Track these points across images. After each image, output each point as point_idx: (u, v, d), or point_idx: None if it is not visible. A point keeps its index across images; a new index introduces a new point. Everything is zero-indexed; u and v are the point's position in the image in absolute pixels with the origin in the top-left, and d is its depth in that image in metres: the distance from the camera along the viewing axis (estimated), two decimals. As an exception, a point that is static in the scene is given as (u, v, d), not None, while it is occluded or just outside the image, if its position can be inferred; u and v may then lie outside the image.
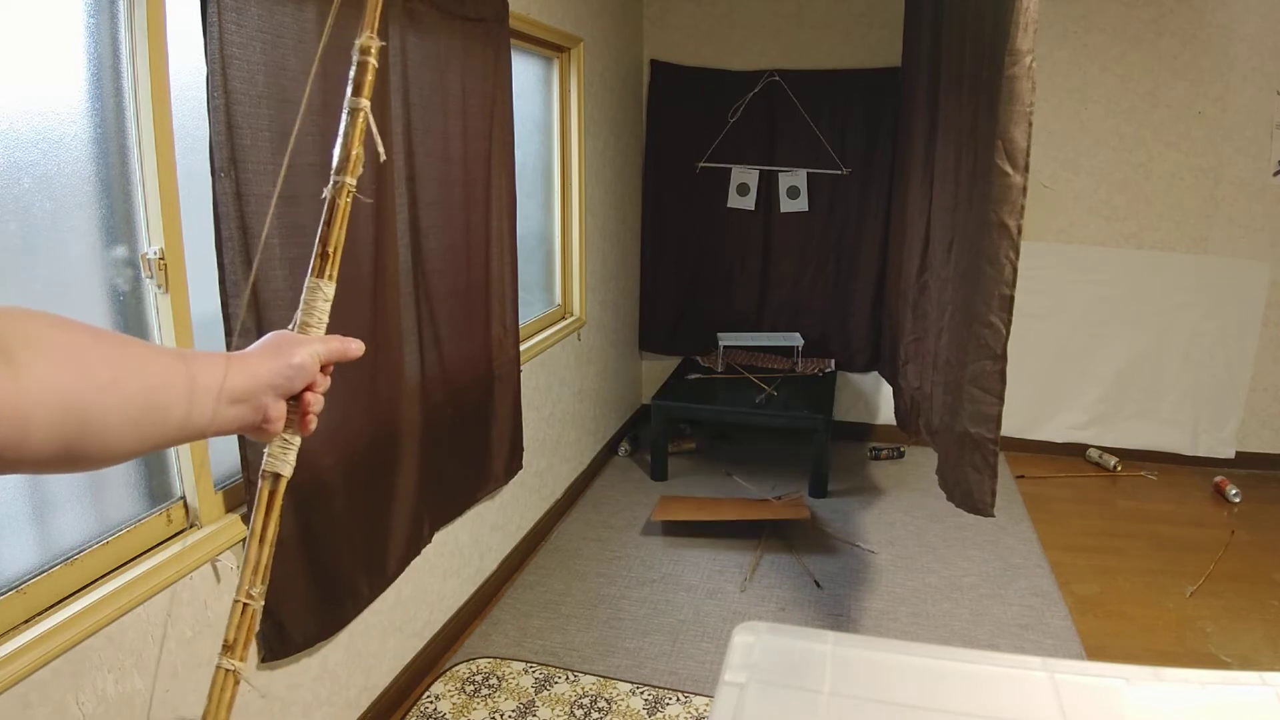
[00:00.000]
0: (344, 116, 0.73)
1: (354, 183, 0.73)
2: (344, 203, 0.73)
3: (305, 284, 0.74)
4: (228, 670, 0.65)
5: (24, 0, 1.34)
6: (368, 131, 0.73)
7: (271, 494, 0.70)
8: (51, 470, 0.54)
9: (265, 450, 0.71)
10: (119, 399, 0.54)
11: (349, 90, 0.74)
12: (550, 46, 3.33)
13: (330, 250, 0.74)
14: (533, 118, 3.36)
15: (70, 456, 0.53)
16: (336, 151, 0.72)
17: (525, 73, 3.22)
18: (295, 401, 0.70)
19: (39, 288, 1.41)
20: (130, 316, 1.60)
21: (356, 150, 0.73)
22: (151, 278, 1.58)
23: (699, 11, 4.31)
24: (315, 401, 0.72)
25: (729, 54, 4.30)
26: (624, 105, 4.16)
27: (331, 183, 0.72)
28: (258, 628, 0.66)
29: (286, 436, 0.70)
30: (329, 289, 0.74)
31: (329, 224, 0.74)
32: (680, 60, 4.36)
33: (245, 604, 0.67)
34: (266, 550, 0.68)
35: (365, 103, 0.73)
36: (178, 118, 1.57)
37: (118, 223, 1.54)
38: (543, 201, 3.56)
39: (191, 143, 1.63)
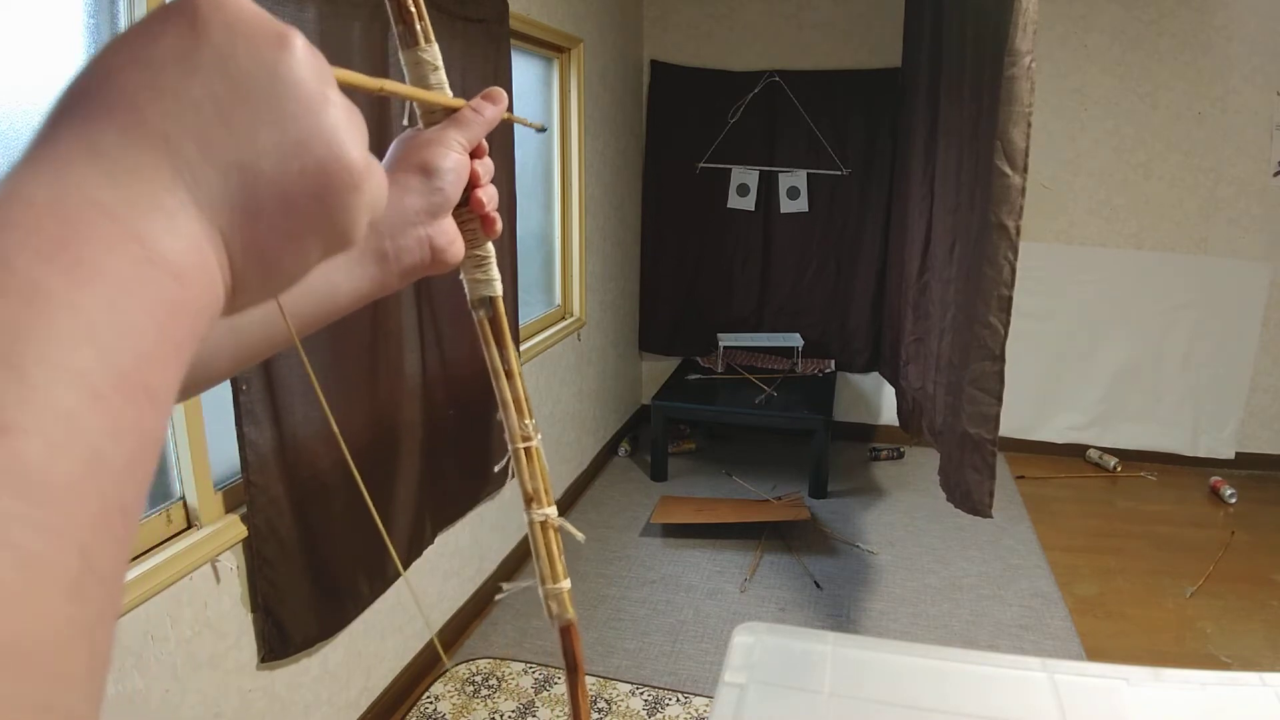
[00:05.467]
0: None
1: None
2: None
3: (403, 62, 0.53)
4: (540, 522, 0.58)
5: (25, 0, 1.34)
6: None
7: (492, 322, 0.58)
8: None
9: (461, 277, 0.57)
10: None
11: None
12: (550, 47, 3.33)
13: (410, 4, 0.51)
14: (533, 118, 3.35)
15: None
16: None
17: (525, 73, 3.22)
18: (465, 208, 0.55)
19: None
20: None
21: None
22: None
23: (699, 12, 4.31)
24: (490, 197, 0.55)
25: (729, 54, 4.30)
26: (624, 105, 4.16)
27: None
28: (545, 464, 0.56)
29: (476, 252, 0.56)
30: (433, 53, 0.52)
31: None
32: (680, 60, 4.36)
33: (524, 448, 0.57)
34: (518, 383, 0.58)
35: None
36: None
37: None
38: (543, 201, 3.56)
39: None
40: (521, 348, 2.99)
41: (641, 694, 2.47)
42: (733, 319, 4.56)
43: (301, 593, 1.90)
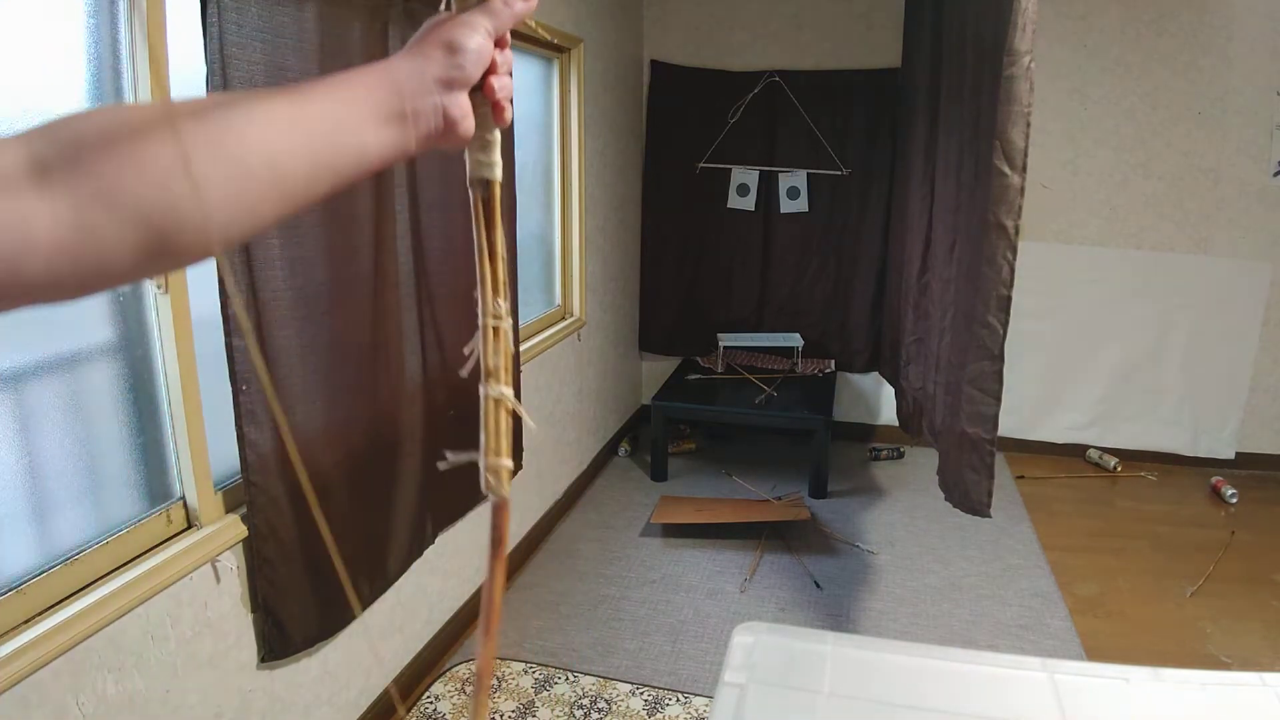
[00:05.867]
0: None
1: None
2: None
3: None
4: (495, 398, 0.61)
5: (25, 1, 1.34)
6: None
7: (486, 203, 0.61)
8: (154, 275, 0.49)
9: (464, 157, 0.62)
10: (190, 186, 0.46)
11: None
12: (550, 47, 3.33)
13: None
14: (533, 118, 3.36)
15: (163, 258, 0.47)
16: None
17: (525, 73, 3.22)
18: (479, 93, 0.59)
19: (39, 288, 1.41)
20: (130, 316, 1.60)
21: None
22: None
23: (699, 11, 4.31)
24: (503, 86, 0.60)
25: (729, 54, 4.30)
26: (624, 105, 4.16)
27: None
28: (510, 347, 0.61)
29: (483, 136, 0.61)
30: None
31: None
32: (680, 60, 4.36)
33: (495, 326, 0.61)
34: (500, 265, 0.61)
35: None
36: (178, 118, 1.57)
37: (118, 223, 1.54)
38: (543, 201, 3.56)
39: (191, 143, 1.63)
40: (521, 348, 2.99)
41: (641, 694, 2.47)
42: (733, 319, 4.56)
43: (301, 593, 1.90)
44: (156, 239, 0.46)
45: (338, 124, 0.52)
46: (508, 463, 0.61)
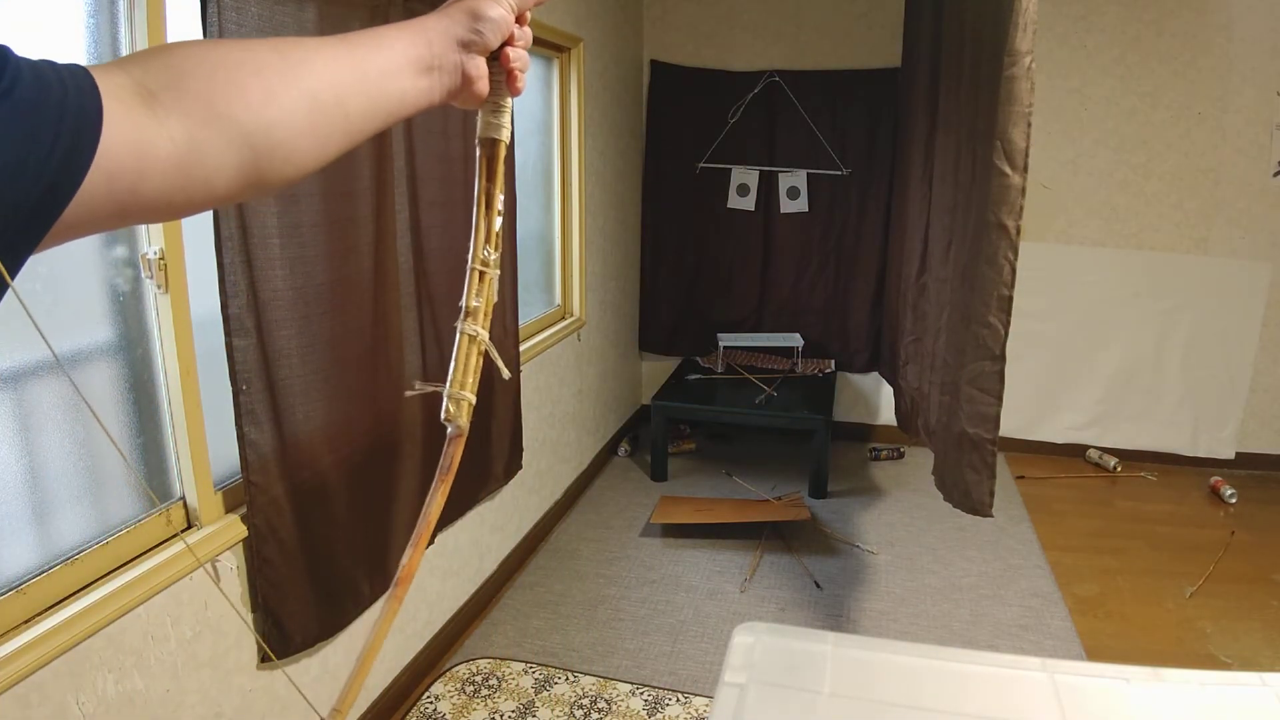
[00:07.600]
0: None
1: None
2: None
3: None
4: (471, 336, 0.66)
5: (25, 0, 1.34)
6: None
7: (490, 160, 0.66)
8: (242, 199, 0.54)
9: (478, 117, 0.67)
10: (282, 113, 0.51)
11: None
12: (550, 46, 3.33)
13: None
14: (533, 118, 3.36)
15: (254, 183, 0.52)
16: None
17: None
18: (496, 60, 0.64)
19: (39, 286, 1.41)
20: (130, 316, 1.60)
21: None
22: (151, 278, 1.58)
23: (699, 11, 4.31)
24: (518, 57, 0.66)
25: (729, 54, 4.30)
26: (624, 105, 4.15)
27: None
28: (494, 295, 0.68)
29: (496, 100, 0.66)
30: None
31: None
32: (680, 60, 4.36)
33: (481, 271, 0.66)
34: (494, 216, 0.66)
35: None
36: (178, 118, 1.57)
37: (118, 223, 1.54)
38: (543, 201, 3.56)
39: (191, 143, 1.63)
40: (521, 348, 2.98)
41: (641, 694, 2.47)
42: (733, 319, 4.56)
43: (301, 593, 1.90)
44: (253, 161, 0.50)
45: (384, 70, 0.58)
46: (470, 396, 0.65)
